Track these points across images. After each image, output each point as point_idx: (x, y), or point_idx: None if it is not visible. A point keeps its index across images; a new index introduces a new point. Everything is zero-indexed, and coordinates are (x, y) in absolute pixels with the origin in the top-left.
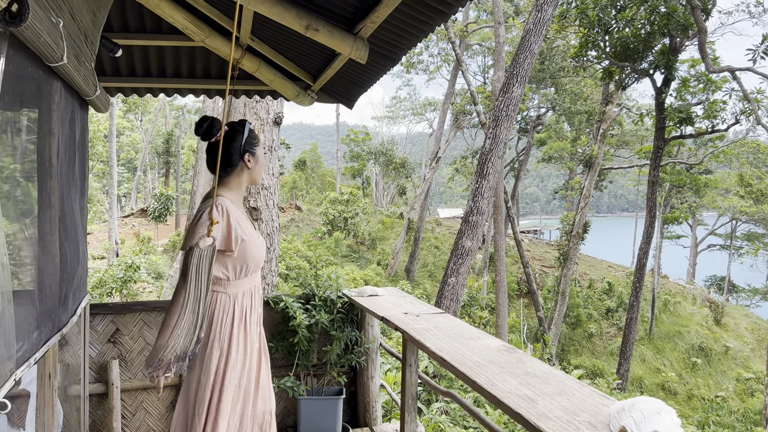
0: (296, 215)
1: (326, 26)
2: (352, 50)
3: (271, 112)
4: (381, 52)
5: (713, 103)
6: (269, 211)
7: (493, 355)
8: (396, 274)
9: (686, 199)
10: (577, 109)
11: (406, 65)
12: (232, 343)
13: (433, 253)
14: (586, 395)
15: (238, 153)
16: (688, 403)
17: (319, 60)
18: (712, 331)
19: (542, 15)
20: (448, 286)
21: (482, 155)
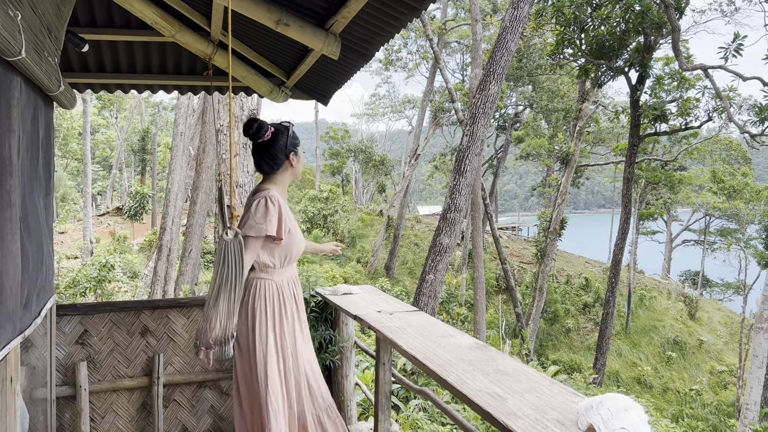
0: None
1: (297, 21)
2: (323, 46)
3: (246, 109)
4: (353, 47)
5: (686, 101)
6: None
7: (465, 353)
8: (376, 271)
9: (661, 196)
10: (554, 106)
11: (384, 62)
12: (277, 328)
13: (412, 250)
14: (555, 392)
15: (284, 152)
16: (663, 396)
17: (292, 56)
18: (686, 325)
19: (519, 13)
20: (426, 284)
21: (459, 152)
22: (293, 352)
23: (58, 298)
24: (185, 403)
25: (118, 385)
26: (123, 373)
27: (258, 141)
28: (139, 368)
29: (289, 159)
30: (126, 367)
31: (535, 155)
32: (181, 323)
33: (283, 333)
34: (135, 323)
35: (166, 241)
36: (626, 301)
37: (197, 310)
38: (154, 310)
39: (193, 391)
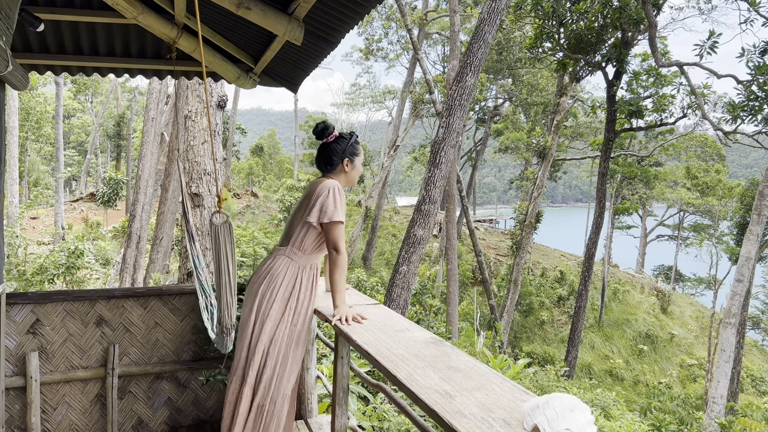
0: (252, 202)
1: (258, 5)
2: (286, 31)
3: (215, 95)
4: (319, 34)
5: (662, 97)
6: (212, 197)
7: (420, 348)
8: (353, 262)
9: (637, 191)
10: (533, 100)
11: (365, 52)
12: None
13: (390, 241)
14: (506, 390)
15: (340, 156)
16: (634, 388)
17: (259, 41)
18: (658, 319)
19: (497, 5)
20: (400, 275)
21: (435, 144)
22: (272, 336)
23: (25, 285)
24: (141, 394)
25: (72, 376)
26: (77, 363)
27: (321, 140)
28: (93, 359)
29: (344, 164)
30: (80, 358)
31: (514, 148)
32: (137, 313)
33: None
34: (90, 313)
35: (136, 228)
36: (600, 294)
37: (155, 300)
38: (109, 300)
39: (149, 382)
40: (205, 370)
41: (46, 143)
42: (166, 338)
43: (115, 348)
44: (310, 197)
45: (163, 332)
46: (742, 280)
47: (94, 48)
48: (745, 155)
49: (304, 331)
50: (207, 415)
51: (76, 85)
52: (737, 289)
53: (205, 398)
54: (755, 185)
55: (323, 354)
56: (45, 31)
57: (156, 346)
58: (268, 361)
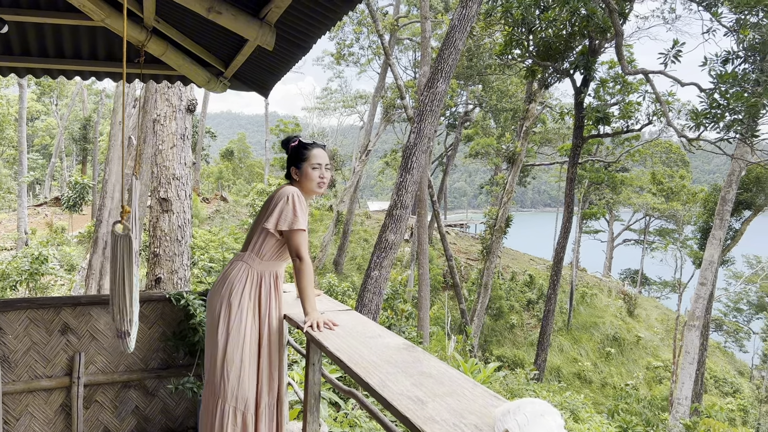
0: (222, 206)
1: (230, 9)
2: (258, 36)
3: (184, 99)
4: (290, 39)
5: (628, 104)
6: (181, 202)
7: (392, 354)
8: (324, 267)
9: (604, 196)
10: (502, 106)
11: (336, 57)
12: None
13: (362, 245)
14: (477, 396)
15: (289, 166)
16: (602, 390)
17: (230, 45)
18: (625, 322)
19: (467, 11)
20: (371, 280)
21: (407, 149)
22: (234, 342)
23: None
24: (108, 404)
25: (35, 386)
26: (40, 373)
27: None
28: (58, 368)
29: (291, 172)
30: (44, 367)
31: (484, 154)
32: (104, 320)
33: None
34: (55, 320)
35: (102, 233)
36: (568, 298)
37: None
38: (75, 307)
39: (116, 391)
40: (174, 378)
41: (8, 146)
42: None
43: (81, 356)
44: (270, 203)
45: None
46: (706, 284)
47: (60, 50)
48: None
49: (269, 337)
50: (176, 424)
51: (40, 87)
52: (701, 292)
53: (174, 406)
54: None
55: (294, 360)
56: (9, 33)
57: (123, 354)
58: (231, 368)
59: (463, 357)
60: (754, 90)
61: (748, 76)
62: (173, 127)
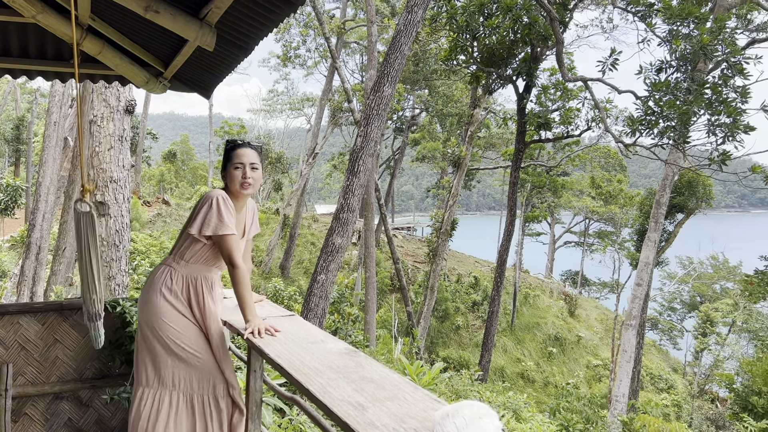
0: (163, 210)
1: (168, 9)
2: (198, 36)
3: (123, 100)
4: (232, 40)
5: (568, 111)
6: (119, 206)
7: (334, 360)
8: (270, 271)
9: (546, 199)
10: (448, 111)
11: (282, 59)
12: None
13: (309, 249)
14: (418, 399)
15: (221, 169)
16: (544, 390)
17: (169, 45)
18: (566, 322)
19: (412, 17)
20: (318, 284)
21: (353, 153)
22: (161, 348)
23: None
24: (38, 416)
25: None
26: None
27: None
28: None
29: (222, 176)
30: None
31: (431, 158)
32: (34, 330)
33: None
34: None
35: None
36: (512, 299)
37: (54, 315)
38: (3, 316)
39: (47, 403)
40: (110, 388)
41: None
42: (66, 355)
43: (9, 368)
44: (196, 207)
45: (63, 349)
46: (642, 284)
47: None
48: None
49: (218, 345)
50: None
51: None
52: (637, 292)
53: (110, 417)
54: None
55: (238, 367)
56: None
57: (55, 364)
58: (184, 356)
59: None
60: (685, 98)
61: (680, 84)
62: (111, 129)
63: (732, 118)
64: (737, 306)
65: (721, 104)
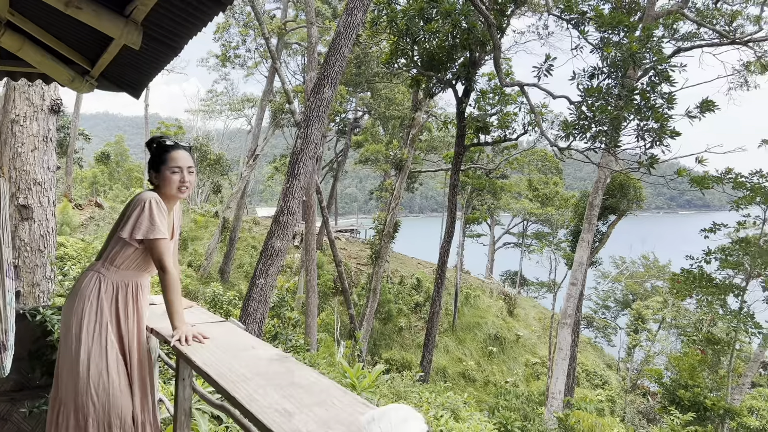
0: (96, 213)
1: (91, 4)
2: (123, 34)
3: (47, 98)
4: (159, 38)
5: (506, 115)
6: (43, 209)
7: (263, 366)
8: (209, 275)
9: (485, 201)
10: (390, 113)
11: (221, 59)
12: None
13: (249, 253)
14: (346, 404)
15: (148, 170)
16: (485, 388)
17: (95, 43)
18: (506, 321)
19: (352, 19)
20: (257, 288)
21: (293, 155)
22: (87, 360)
23: None
24: None
25: None
26: None
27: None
28: None
29: (151, 177)
30: None
31: (374, 160)
32: None
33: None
34: None
35: None
36: (453, 299)
37: None
38: None
39: None
40: (29, 401)
41: None
42: None
43: None
44: (126, 210)
45: None
46: (576, 284)
47: None
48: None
49: (138, 352)
50: None
51: None
52: (572, 291)
53: (30, 431)
54: (586, 197)
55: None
56: None
57: None
58: (99, 383)
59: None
60: (616, 104)
61: (611, 90)
62: (34, 129)
63: (659, 123)
64: (666, 303)
65: (649, 110)
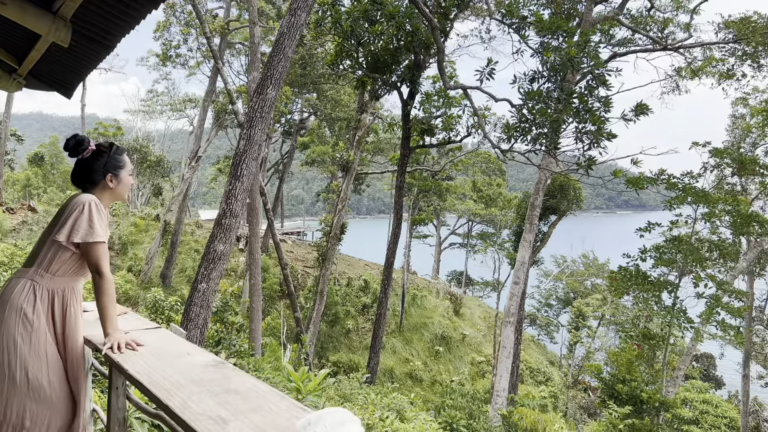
0: (30, 217)
1: (16, 0)
2: (51, 31)
3: None
4: (90, 36)
5: (450, 117)
6: None
7: (199, 373)
8: (150, 280)
9: (432, 203)
10: (336, 115)
11: (162, 58)
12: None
13: (192, 257)
14: (283, 410)
15: (101, 173)
16: (431, 388)
17: (22, 40)
18: (452, 321)
19: (296, 20)
20: (198, 293)
21: (236, 156)
22: (21, 374)
23: None
24: None
25: None
26: None
27: (76, 157)
28: None
29: (107, 180)
30: None
31: (320, 162)
32: None
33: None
34: None
35: None
36: (401, 300)
37: None
38: None
39: None
40: None
41: None
42: None
43: None
44: (63, 213)
45: None
46: (519, 283)
47: None
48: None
49: (74, 361)
50: None
51: None
52: (515, 290)
53: None
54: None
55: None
56: None
57: None
58: (39, 394)
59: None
60: (556, 107)
61: (551, 94)
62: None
63: (597, 126)
64: (605, 300)
65: (587, 113)
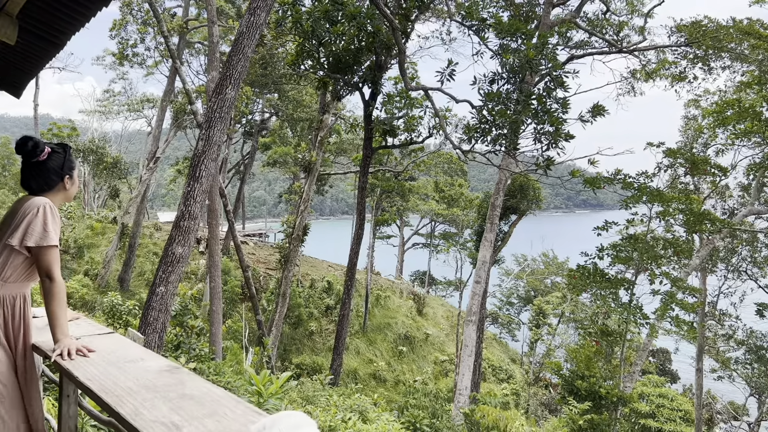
0: None
1: None
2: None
3: None
4: (39, 33)
5: (412, 118)
6: None
7: (151, 379)
8: (107, 284)
9: (395, 203)
10: (298, 115)
11: (118, 57)
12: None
13: (151, 260)
14: (239, 414)
15: (59, 174)
16: (395, 388)
17: None
18: (415, 321)
19: (255, 19)
20: (157, 296)
21: (195, 157)
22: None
23: None
24: None
25: None
26: None
27: (33, 159)
28: None
29: (64, 182)
30: None
31: (282, 162)
32: None
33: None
34: None
35: None
36: (364, 301)
37: None
38: None
39: None
40: None
41: None
42: None
43: None
44: (14, 217)
45: None
46: (480, 282)
47: None
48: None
49: (24, 369)
50: None
51: None
52: (476, 289)
53: None
54: (489, 198)
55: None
56: None
57: None
58: None
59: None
60: (515, 108)
61: (510, 95)
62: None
63: (554, 126)
64: (565, 298)
65: (545, 114)
